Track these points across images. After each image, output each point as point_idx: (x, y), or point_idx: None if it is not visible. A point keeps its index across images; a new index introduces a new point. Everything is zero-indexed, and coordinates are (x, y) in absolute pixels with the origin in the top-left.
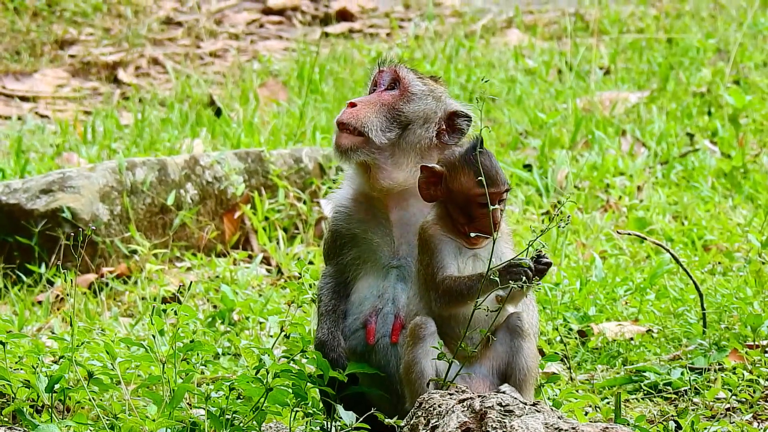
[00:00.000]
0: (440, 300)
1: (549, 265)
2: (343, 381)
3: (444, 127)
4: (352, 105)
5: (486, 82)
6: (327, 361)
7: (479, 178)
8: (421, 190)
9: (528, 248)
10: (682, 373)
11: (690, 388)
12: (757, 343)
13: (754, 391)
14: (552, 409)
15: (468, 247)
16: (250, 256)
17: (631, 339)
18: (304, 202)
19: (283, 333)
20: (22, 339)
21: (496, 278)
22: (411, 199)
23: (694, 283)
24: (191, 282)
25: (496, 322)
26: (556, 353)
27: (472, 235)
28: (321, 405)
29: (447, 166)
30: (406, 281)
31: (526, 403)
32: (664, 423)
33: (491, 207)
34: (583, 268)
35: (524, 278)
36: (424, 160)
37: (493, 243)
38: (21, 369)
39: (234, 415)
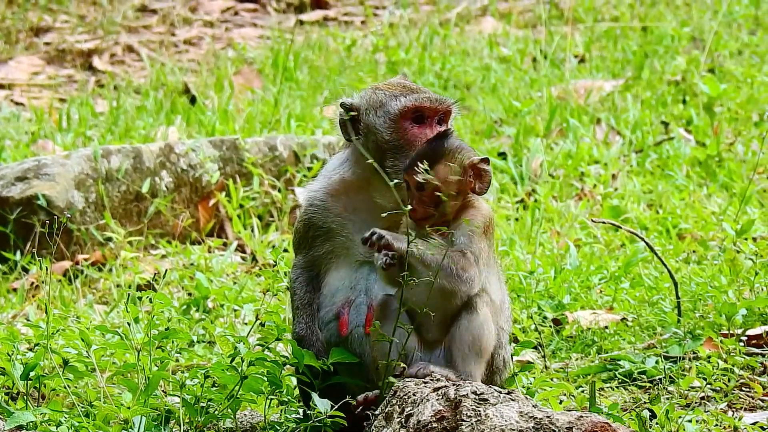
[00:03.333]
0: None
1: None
2: (327, 370)
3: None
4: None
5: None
6: (303, 349)
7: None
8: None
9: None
10: (657, 362)
11: (665, 377)
12: (731, 331)
13: (729, 380)
14: (526, 398)
15: (420, 230)
16: (224, 244)
17: (606, 327)
18: (279, 190)
19: (258, 321)
20: None
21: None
22: None
23: (669, 271)
24: (166, 269)
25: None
26: (530, 341)
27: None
28: (296, 393)
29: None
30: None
31: (501, 392)
32: (639, 411)
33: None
34: (558, 257)
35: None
36: None
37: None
38: None
39: (209, 402)
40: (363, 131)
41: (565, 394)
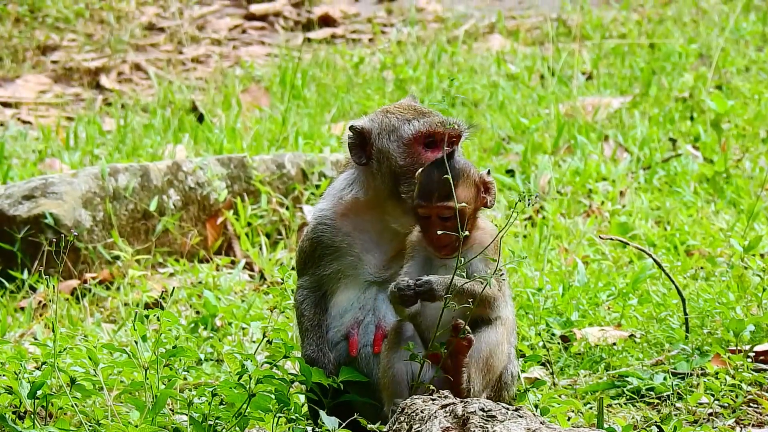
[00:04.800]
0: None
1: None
2: (336, 389)
3: None
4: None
5: (452, 80)
6: (311, 366)
7: (421, 191)
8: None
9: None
10: (665, 378)
11: (672, 393)
12: (739, 347)
13: (737, 396)
14: (534, 415)
15: (440, 257)
16: (232, 262)
17: (614, 344)
18: (287, 208)
19: (266, 339)
20: (5, 345)
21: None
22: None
23: (677, 288)
24: (174, 288)
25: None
26: (537, 356)
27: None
28: (304, 410)
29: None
30: (387, 292)
31: (508, 409)
32: (647, 429)
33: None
34: (566, 273)
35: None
36: None
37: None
38: (3, 375)
39: (216, 421)
40: (375, 156)
41: (573, 411)
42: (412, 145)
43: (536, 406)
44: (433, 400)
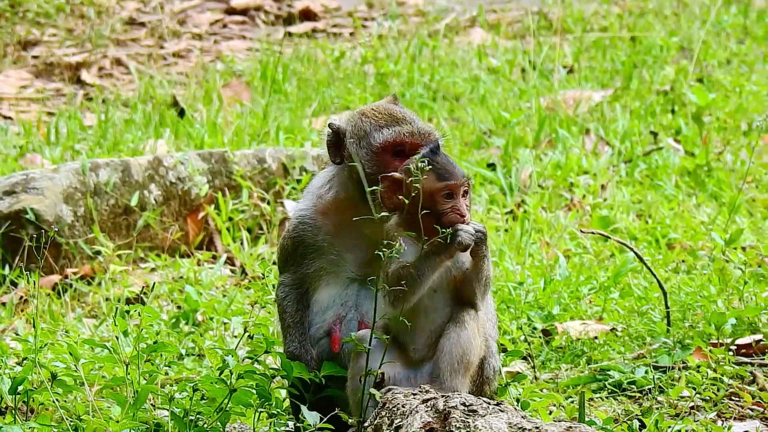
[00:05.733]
0: (392, 293)
1: (481, 232)
2: (319, 384)
3: None
4: None
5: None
6: (292, 361)
7: (437, 174)
8: (383, 200)
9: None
10: (647, 372)
11: (654, 387)
12: (721, 341)
13: (718, 390)
14: (516, 409)
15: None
16: (214, 257)
17: (596, 338)
18: (268, 203)
19: (247, 334)
20: None
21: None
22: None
23: (658, 281)
24: (155, 283)
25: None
26: (519, 351)
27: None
28: (285, 405)
29: (406, 172)
30: (369, 289)
31: (489, 403)
32: (628, 422)
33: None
34: (547, 267)
35: (464, 240)
36: None
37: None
38: None
39: (198, 416)
40: (347, 158)
41: (554, 405)
42: (380, 154)
43: (517, 400)
44: (414, 394)
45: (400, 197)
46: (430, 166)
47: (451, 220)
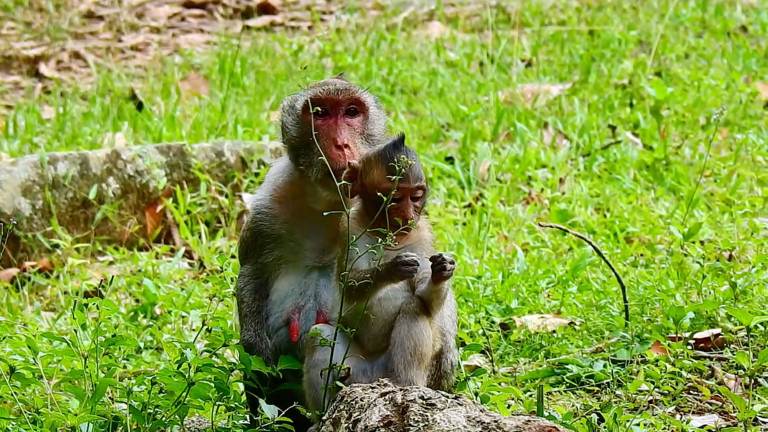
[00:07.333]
0: (344, 294)
1: (445, 267)
2: (275, 377)
3: None
4: (342, 145)
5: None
6: (250, 355)
7: (390, 172)
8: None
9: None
10: (605, 366)
11: (612, 381)
12: (679, 335)
13: (677, 384)
14: (474, 402)
15: (389, 250)
16: (172, 250)
17: (554, 332)
18: (226, 196)
19: (205, 327)
20: None
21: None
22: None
23: (617, 275)
24: (113, 276)
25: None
26: (477, 345)
27: (390, 235)
28: (243, 399)
29: (363, 161)
30: (328, 277)
31: (448, 397)
32: (587, 416)
33: (391, 201)
34: (505, 261)
35: (411, 274)
36: None
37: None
38: None
39: (156, 409)
40: (282, 131)
41: (512, 399)
42: (302, 115)
43: (476, 394)
44: (372, 388)
45: (355, 186)
46: (385, 161)
47: (394, 223)
